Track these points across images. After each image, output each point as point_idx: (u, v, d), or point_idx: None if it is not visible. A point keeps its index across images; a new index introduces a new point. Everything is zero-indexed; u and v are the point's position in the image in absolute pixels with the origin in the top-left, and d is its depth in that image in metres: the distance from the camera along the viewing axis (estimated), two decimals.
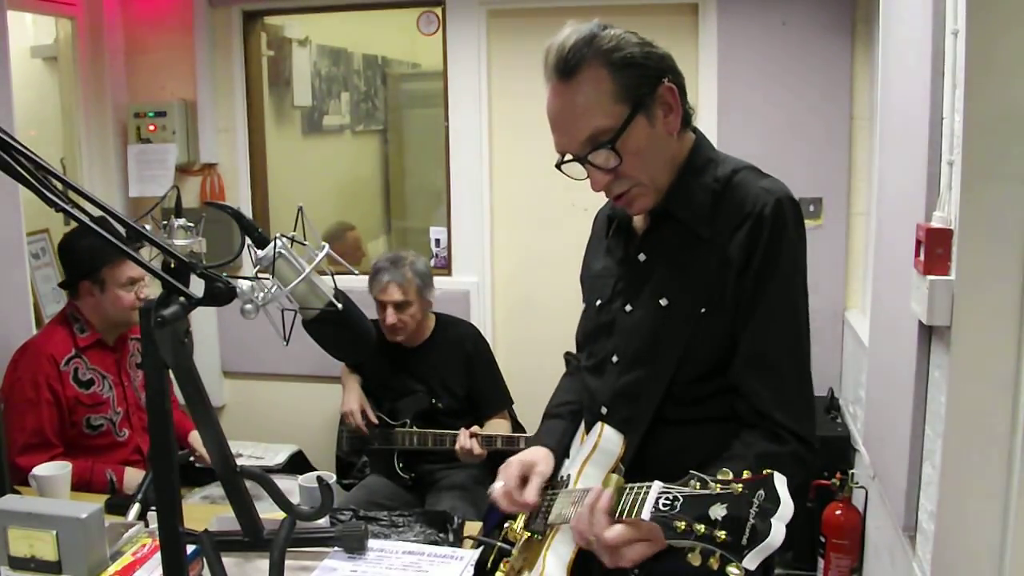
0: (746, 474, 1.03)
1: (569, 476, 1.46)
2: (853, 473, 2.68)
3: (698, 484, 1.06)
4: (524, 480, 1.49)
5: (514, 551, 1.53)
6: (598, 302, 1.49)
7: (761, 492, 1.00)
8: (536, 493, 1.46)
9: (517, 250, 3.43)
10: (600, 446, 1.41)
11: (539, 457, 1.51)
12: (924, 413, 1.76)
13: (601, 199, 1.61)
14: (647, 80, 1.29)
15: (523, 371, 3.26)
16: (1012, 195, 1.39)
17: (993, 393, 1.43)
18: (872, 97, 2.92)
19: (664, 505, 1.07)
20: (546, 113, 1.34)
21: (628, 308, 1.43)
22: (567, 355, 1.74)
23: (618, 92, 1.28)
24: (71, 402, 2.35)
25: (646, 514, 1.09)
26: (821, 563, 2.72)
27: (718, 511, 1.01)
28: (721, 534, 0.99)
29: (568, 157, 1.35)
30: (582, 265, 1.63)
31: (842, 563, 2.66)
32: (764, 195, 1.30)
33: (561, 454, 1.56)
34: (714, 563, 1.00)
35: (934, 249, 1.58)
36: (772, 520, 0.97)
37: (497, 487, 1.49)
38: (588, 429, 1.51)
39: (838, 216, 3.03)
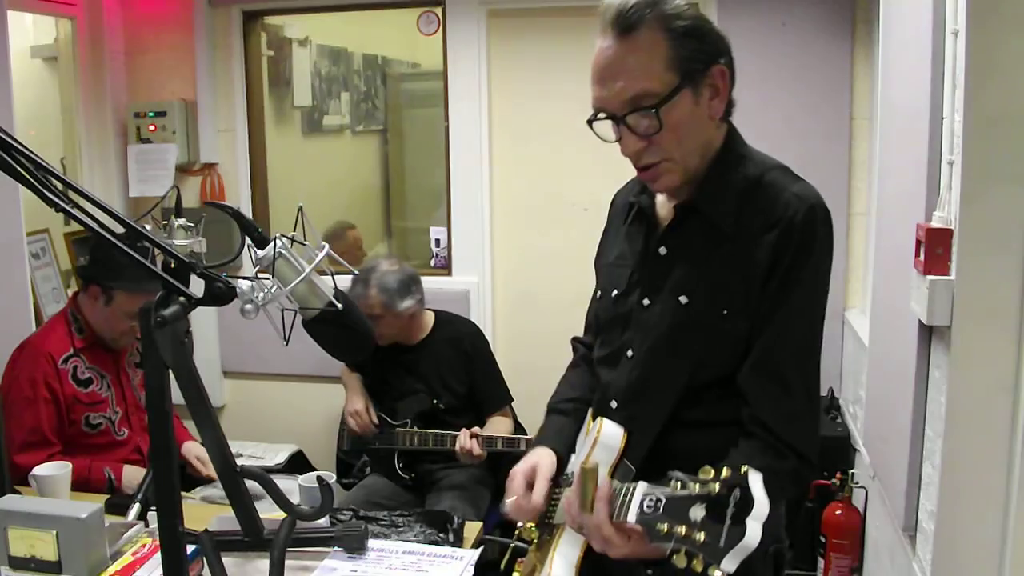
0: (725, 471, 1.01)
1: (573, 474, 1.45)
2: (853, 473, 2.68)
3: (679, 485, 1.04)
4: (531, 486, 1.46)
5: (529, 550, 1.52)
6: (614, 292, 1.46)
7: (736, 492, 0.98)
8: (543, 494, 1.44)
9: (517, 250, 3.43)
10: (600, 442, 1.40)
11: (541, 458, 1.49)
12: (924, 413, 1.76)
13: (602, 198, 1.61)
14: (702, 56, 1.27)
15: (523, 371, 3.25)
16: (1012, 195, 1.39)
17: (993, 393, 1.43)
18: (872, 97, 2.92)
19: (648, 507, 1.07)
20: (591, 66, 1.29)
21: (646, 302, 1.40)
22: (574, 340, 1.72)
23: (672, 59, 1.25)
24: (69, 400, 2.35)
25: (632, 516, 1.09)
26: (821, 563, 2.72)
27: (697, 512, 1.00)
28: (700, 536, 0.98)
29: (602, 116, 1.31)
30: (597, 251, 1.60)
31: (842, 563, 2.66)
32: (796, 201, 1.28)
33: (565, 452, 1.54)
34: (698, 565, 0.98)
35: (934, 249, 1.58)
36: (747, 520, 0.96)
37: (507, 502, 1.47)
38: (598, 415, 1.49)
39: (838, 216, 2.98)
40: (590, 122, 1.33)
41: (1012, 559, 1.41)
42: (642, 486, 1.11)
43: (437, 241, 3.49)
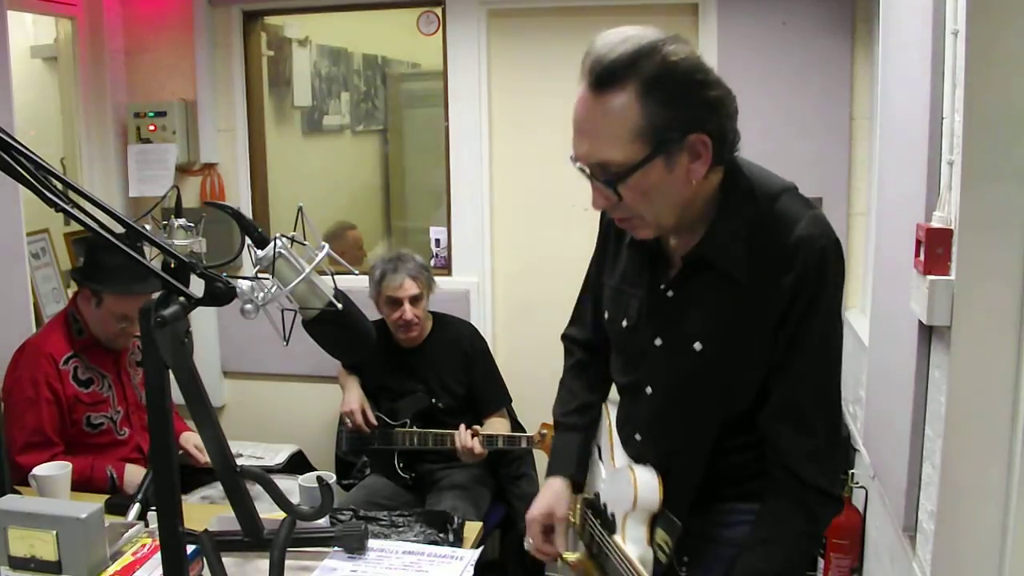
0: None
1: (614, 516, 1.45)
2: (853, 473, 2.68)
3: None
4: (549, 529, 1.52)
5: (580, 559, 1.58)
6: (624, 322, 1.44)
7: None
8: (563, 543, 1.52)
9: (517, 250, 3.43)
10: (640, 497, 1.39)
11: (556, 499, 1.53)
12: (924, 413, 1.76)
13: None
14: (679, 125, 1.17)
15: (523, 371, 3.25)
16: (1012, 195, 1.39)
17: (993, 393, 1.42)
18: (872, 97, 2.92)
19: None
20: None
21: (658, 342, 1.38)
22: (565, 340, 1.71)
23: (643, 129, 1.16)
24: (71, 400, 2.35)
25: None
26: (821, 563, 2.71)
27: None
28: None
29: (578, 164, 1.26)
30: (595, 260, 1.57)
31: (842, 563, 2.65)
32: (807, 243, 1.24)
33: (579, 472, 1.57)
34: None
35: (934, 249, 1.58)
36: None
37: (528, 545, 1.55)
38: (623, 442, 1.52)
39: (838, 216, 3.02)
40: (573, 160, 1.26)
41: (1012, 559, 1.41)
42: None
43: (437, 241, 3.49)
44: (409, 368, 2.89)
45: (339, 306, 1.42)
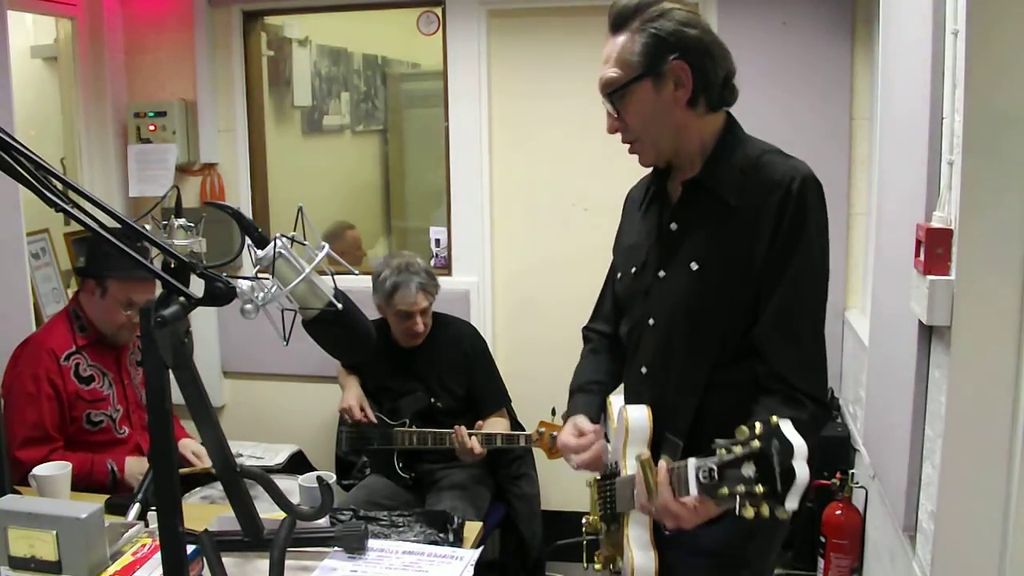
0: (758, 427, 1.11)
1: (617, 463, 1.57)
2: (853, 473, 2.68)
3: (724, 451, 1.15)
4: (581, 433, 1.65)
5: (602, 541, 1.68)
6: (633, 269, 1.61)
7: (775, 442, 1.09)
8: (594, 439, 1.63)
9: (517, 250, 3.43)
10: (631, 428, 1.52)
11: (577, 419, 1.67)
12: (924, 413, 1.76)
13: (602, 198, 1.64)
14: (661, 52, 1.45)
15: (523, 371, 3.26)
16: (1012, 195, 1.39)
17: (993, 393, 1.43)
18: (872, 97, 2.92)
19: (704, 478, 1.19)
20: None
21: (661, 274, 1.55)
22: (585, 330, 1.85)
23: (635, 53, 1.46)
24: (71, 397, 2.36)
25: (693, 490, 1.22)
26: (821, 563, 2.71)
27: (748, 469, 1.12)
28: (759, 488, 1.10)
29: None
30: (615, 242, 1.76)
31: (842, 563, 2.65)
32: (792, 171, 1.44)
33: (596, 417, 1.70)
34: (764, 511, 1.10)
35: (934, 249, 1.58)
36: (793, 463, 1.07)
37: (574, 460, 1.65)
38: (627, 391, 1.64)
39: (838, 216, 3.01)
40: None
41: (1012, 559, 1.41)
42: (692, 462, 1.23)
43: (437, 241, 3.49)
44: (409, 368, 2.89)
45: (339, 306, 1.42)
